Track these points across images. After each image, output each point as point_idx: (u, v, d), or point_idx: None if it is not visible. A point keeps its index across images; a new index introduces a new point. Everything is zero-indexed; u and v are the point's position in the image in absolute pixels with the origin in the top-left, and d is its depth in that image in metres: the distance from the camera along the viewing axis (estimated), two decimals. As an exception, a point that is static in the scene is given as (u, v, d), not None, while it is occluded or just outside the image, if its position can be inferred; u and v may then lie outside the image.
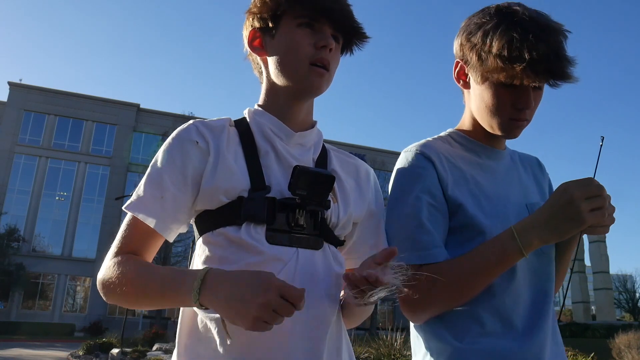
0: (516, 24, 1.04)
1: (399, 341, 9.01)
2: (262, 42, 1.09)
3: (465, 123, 1.24)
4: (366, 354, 9.15)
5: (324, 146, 1.15)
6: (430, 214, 1.09)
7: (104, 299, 0.99)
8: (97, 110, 41.44)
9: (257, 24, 1.08)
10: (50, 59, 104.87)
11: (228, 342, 0.90)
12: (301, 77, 1.03)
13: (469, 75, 1.16)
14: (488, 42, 1.06)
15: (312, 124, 1.13)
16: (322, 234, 1.02)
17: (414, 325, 1.17)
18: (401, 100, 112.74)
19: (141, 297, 0.94)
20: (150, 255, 1.03)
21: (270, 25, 1.06)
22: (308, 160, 1.08)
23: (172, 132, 1.07)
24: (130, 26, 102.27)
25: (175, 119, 39.89)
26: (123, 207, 1.02)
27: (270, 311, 0.79)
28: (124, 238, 1.00)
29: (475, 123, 1.20)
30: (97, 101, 41.84)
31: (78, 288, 39.95)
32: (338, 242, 1.07)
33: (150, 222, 0.98)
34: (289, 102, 1.07)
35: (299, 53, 1.02)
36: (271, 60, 1.07)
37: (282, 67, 1.05)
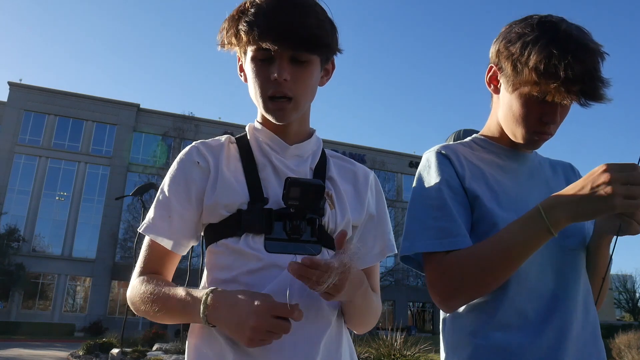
0: (557, 40, 1.04)
1: (399, 341, 9.02)
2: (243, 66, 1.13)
3: (490, 128, 1.26)
4: (366, 354, 9.15)
5: (323, 154, 1.18)
6: (452, 204, 1.11)
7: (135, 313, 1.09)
8: (97, 110, 41.45)
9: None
10: (50, 59, 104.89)
11: None
12: (264, 111, 1.08)
13: (501, 82, 1.18)
14: (526, 54, 1.06)
15: (310, 134, 1.16)
16: (320, 240, 1.05)
17: (441, 320, 1.21)
18: (402, 100, 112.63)
19: (164, 316, 1.02)
20: (169, 271, 1.11)
21: (239, 53, 1.11)
22: (305, 170, 1.11)
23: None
24: (130, 26, 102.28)
25: (175, 119, 39.91)
26: (138, 229, 1.11)
27: (264, 332, 0.87)
28: (144, 259, 1.09)
29: (501, 128, 1.21)
30: (97, 101, 41.84)
31: (78, 288, 39.95)
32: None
33: (161, 241, 1.07)
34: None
35: (256, 89, 1.06)
36: (248, 88, 1.12)
37: (252, 99, 1.10)
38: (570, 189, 0.97)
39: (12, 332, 29.88)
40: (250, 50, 1.04)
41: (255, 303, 0.88)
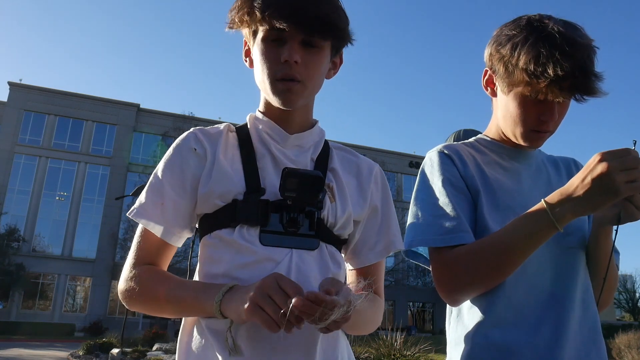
0: (544, 39, 1.05)
1: (399, 341, 9.03)
2: (250, 51, 1.10)
3: (492, 129, 1.27)
4: (366, 354, 9.16)
5: (326, 145, 1.15)
6: (455, 202, 1.12)
7: (127, 307, 1.03)
8: (97, 110, 41.45)
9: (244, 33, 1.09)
10: (50, 59, 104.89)
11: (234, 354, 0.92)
12: (270, 94, 1.04)
13: (497, 84, 1.18)
14: (516, 55, 1.07)
15: (312, 124, 1.13)
16: (318, 234, 1.02)
17: (447, 318, 1.23)
18: (402, 100, 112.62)
19: (172, 308, 0.98)
20: (165, 262, 1.07)
21: (248, 36, 1.07)
22: (305, 161, 1.08)
23: (172, 132, 1.09)
24: (130, 26, 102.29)
25: (175, 119, 39.91)
26: (127, 214, 1.06)
27: (265, 295, 0.83)
28: (138, 249, 1.04)
29: (502, 130, 1.22)
30: (97, 101, 41.84)
31: (78, 288, 39.96)
32: (337, 242, 1.06)
33: (152, 228, 1.02)
34: (279, 108, 1.08)
35: (265, 70, 1.02)
36: (254, 72, 1.09)
37: (257, 82, 1.07)
38: (572, 184, 0.97)
39: (12, 332, 29.88)
40: (261, 31, 1.01)
41: (268, 275, 0.87)
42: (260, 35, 1.02)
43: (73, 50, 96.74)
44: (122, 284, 1.03)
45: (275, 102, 1.04)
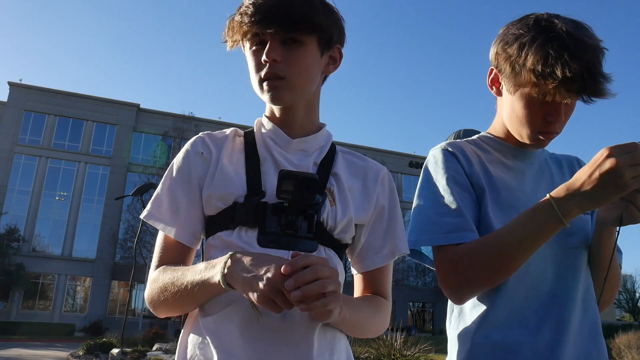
0: (552, 40, 1.03)
1: (399, 341, 9.04)
2: None
3: (496, 128, 1.26)
4: (366, 354, 9.17)
5: (332, 149, 1.15)
6: (460, 200, 1.12)
7: (154, 314, 1.05)
8: (97, 110, 41.47)
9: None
10: (50, 59, 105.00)
11: (259, 321, 0.92)
12: (260, 94, 1.07)
13: (502, 83, 1.17)
14: (523, 55, 1.06)
15: (318, 128, 1.14)
16: (317, 237, 1.02)
17: (447, 318, 1.22)
18: (402, 100, 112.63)
19: (183, 297, 0.97)
20: (187, 265, 1.06)
21: (244, 51, 1.11)
22: (308, 165, 1.09)
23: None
24: (130, 26, 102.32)
25: (175, 119, 39.97)
26: (141, 216, 1.08)
27: (277, 288, 0.82)
28: (158, 254, 1.06)
29: (506, 129, 1.22)
30: (97, 101, 41.86)
31: (78, 288, 39.97)
32: (337, 246, 1.06)
33: (170, 232, 1.04)
34: (278, 111, 1.10)
35: (252, 74, 1.07)
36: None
37: (253, 87, 1.10)
38: (579, 179, 0.97)
39: (12, 332, 29.86)
40: (247, 41, 1.06)
41: (276, 258, 0.87)
42: (247, 45, 1.07)
43: (73, 50, 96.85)
44: (146, 290, 1.04)
45: (267, 100, 1.07)
